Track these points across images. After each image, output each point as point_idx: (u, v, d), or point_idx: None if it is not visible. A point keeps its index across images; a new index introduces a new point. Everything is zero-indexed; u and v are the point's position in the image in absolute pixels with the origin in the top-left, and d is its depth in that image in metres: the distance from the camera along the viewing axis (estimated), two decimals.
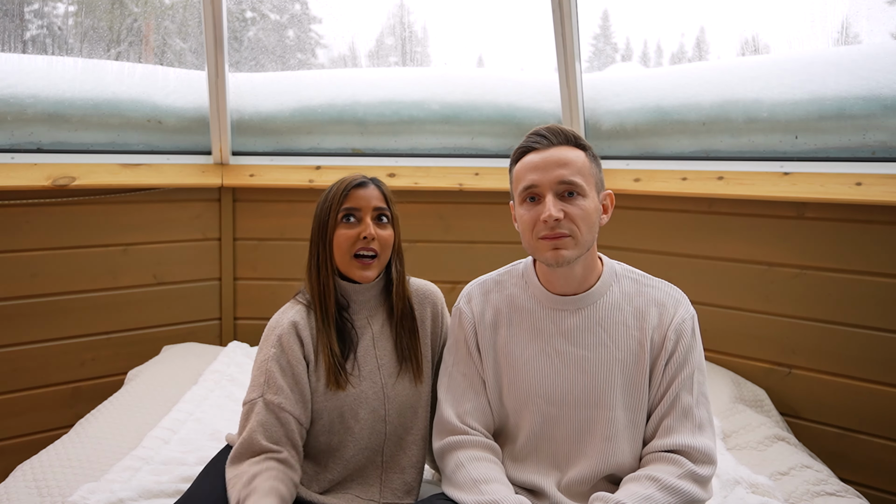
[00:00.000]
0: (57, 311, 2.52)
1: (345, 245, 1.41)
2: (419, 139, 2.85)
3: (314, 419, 1.42)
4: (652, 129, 2.57)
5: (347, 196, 1.43)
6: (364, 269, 1.42)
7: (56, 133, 2.55)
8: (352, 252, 1.41)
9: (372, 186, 1.46)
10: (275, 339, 1.39)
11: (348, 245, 1.41)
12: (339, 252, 1.42)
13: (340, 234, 1.42)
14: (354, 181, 1.45)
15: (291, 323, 1.41)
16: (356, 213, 1.43)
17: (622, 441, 1.32)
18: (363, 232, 1.41)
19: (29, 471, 1.73)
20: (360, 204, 1.43)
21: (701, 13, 2.82)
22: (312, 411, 1.42)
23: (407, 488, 1.47)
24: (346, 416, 1.42)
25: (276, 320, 1.44)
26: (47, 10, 2.82)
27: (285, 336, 1.40)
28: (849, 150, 2.21)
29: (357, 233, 1.41)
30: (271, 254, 2.86)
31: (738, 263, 2.37)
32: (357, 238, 1.41)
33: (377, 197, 1.45)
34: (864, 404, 2.15)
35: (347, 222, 1.42)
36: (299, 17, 3.15)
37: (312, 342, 1.42)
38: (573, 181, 1.27)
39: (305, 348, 1.41)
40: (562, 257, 1.28)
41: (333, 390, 1.40)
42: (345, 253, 1.41)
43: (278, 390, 1.35)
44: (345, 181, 1.46)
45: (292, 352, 1.39)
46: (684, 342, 1.32)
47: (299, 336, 1.41)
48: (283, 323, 1.41)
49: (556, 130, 1.32)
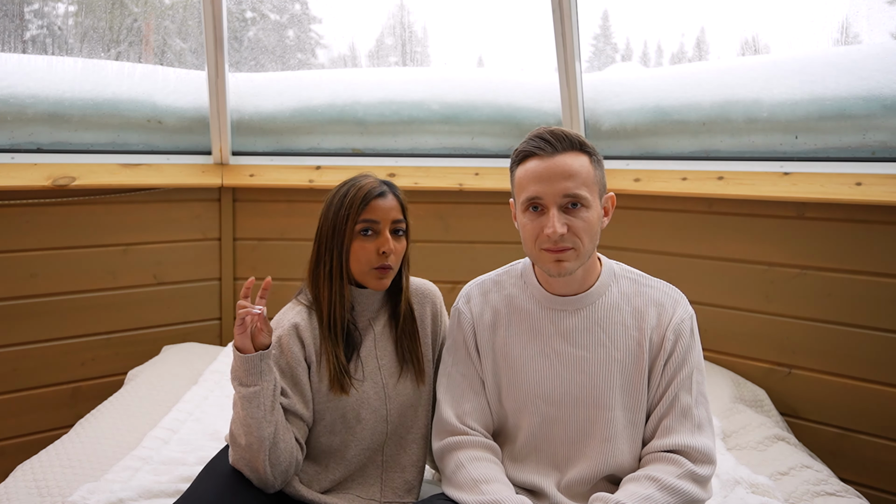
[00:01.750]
0: (57, 311, 2.52)
1: (364, 258, 1.39)
2: (419, 139, 2.85)
3: (316, 419, 1.42)
4: (652, 129, 2.57)
5: (366, 207, 1.39)
6: (382, 278, 1.41)
7: (56, 133, 2.55)
8: (372, 265, 1.39)
9: (391, 196, 1.43)
10: (274, 341, 1.38)
11: (367, 258, 1.39)
12: (358, 265, 1.40)
13: (358, 247, 1.39)
14: (374, 191, 1.40)
15: (293, 325, 1.40)
16: (375, 226, 1.39)
17: (621, 441, 1.32)
18: (382, 247, 1.38)
19: (29, 471, 1.73)
20: (379, 216, 1.39)
21: (701, 13, 2.82)
22: (314, 412, 1.42)
23: (408, 487, 1.47)
24: (349, 417, 1.42)
25: (277, 321, 1.43)
26: (47, 10, 2.82)
27: (285, 337, 1.39)
28: (849, 150, 2.21)
29: (375, 247, 1.38)
30: (271, 254, 2.86)
31: (738, 263, 2.37)
32: (376, 252, 1.38)
33: (395, 208, 1.42)
34: (864, 404, 2.15)
35: (365, 235, 1.39)
36: (299, 17, 3.15)
37: (315, 344, 1.41)
38: (578, 194, 1.26)
39: (307, 350, 1.40)
40: (564, 269, 1.28)
41: (337, 395, 1.40)
42: (363, 265, 1.39)
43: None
44: (363, 188, 1.40)
45: (292, 353, 1.39)
46: (683, 342, 1.32)
47: (300, 338, 1.40)
48: (283, 324, 1.41)
49: (561, 135, 1.29)
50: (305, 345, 1.40)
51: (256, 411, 1.27)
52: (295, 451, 1.35)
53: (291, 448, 1.34)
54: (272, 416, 1.29)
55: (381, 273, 1.40)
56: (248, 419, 1.27)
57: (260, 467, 1.29)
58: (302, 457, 1.39)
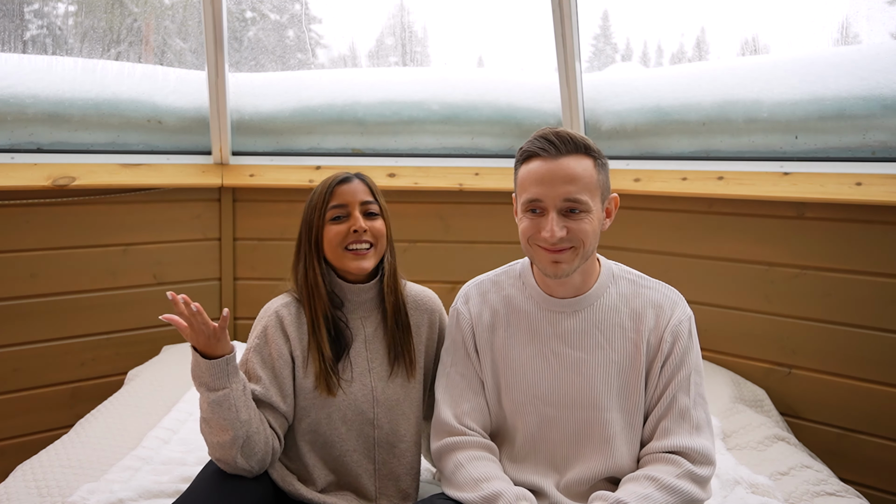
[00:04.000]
0: (57, 311, 2.52)
1: (335, 240, 1.40)
2: (419, 139, 2.85)
3: (300, 416, 1.42)
4: (652, 129, 2.57)
5: (332, 194, 1.42)
6: (359, 259, 1.40)
7: (56, 133, 2.55)
8: (343, 245, 1.40)
9: (356, 181, 1.45)
10: (260, 330, 1.41)
11: (339, 239, 1.40)
12: (331, 248, 1.41)
13: (330, 230, 1.41)
14: (337, 178, 1.43)
15: (278, 318, 1.42)
16: (343, 209, 1.41)
17: (619, 443, 1.32)
18: (353, 226, 1.40)
19: (29, 471, 1.73)
20: (346, 199, 1.42)
21: (701, 13, 2.82)
22: (298, 408, 1.41)
23: (403, 495, 1.47)
24: (333, 417, 1.42)
25: (265, 309, 1.45)
26: (47, 10, 2.82)
27: (271, 329, 1.41)
28: (849, 150, 2.21)
29: (347, 227, 1.40)
30: (271, 254, 2.86)
31: (738, 263, 2.37)
32: (347, 232, 1.40)
33: (363, 191, 1.44)
34: (864, 404, 2.15)
35: (336, 221, 1.41)
36: (299, 17, 3.15)
37: (300, 339, 1.41)
38: (578, 199, 1.25)
39: (291, 344, 1.41)
40: (561, 270, 1.28)
41: (324, 395, 1.40)
42: (336, 247, 1.40)
43: (257, 380, 1.37)
44: (327, 180, 1.44)
45: (275, 345, 1.39)
46: (681, 344, 1.32)
47: (285, 331, 1.41)
48: (269, 312, 1.43)
49: (566, 137, 1.28)
50: (290, 338, 1.41)
51: (227, 413, 1.27)
52: (271, 440, 1.36)
53: (266, 439, 1.34)
54: (245, 415, 1.29)
55: (355, 255, 1.40)
56: (221, 421, 1.27)
57: (231, 461, 1.30)
58: (280, 447, 1.39)
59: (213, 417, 1.27)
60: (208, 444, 1.32)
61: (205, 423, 1.30)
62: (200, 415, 1.31)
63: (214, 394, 1.27)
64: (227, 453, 1.29)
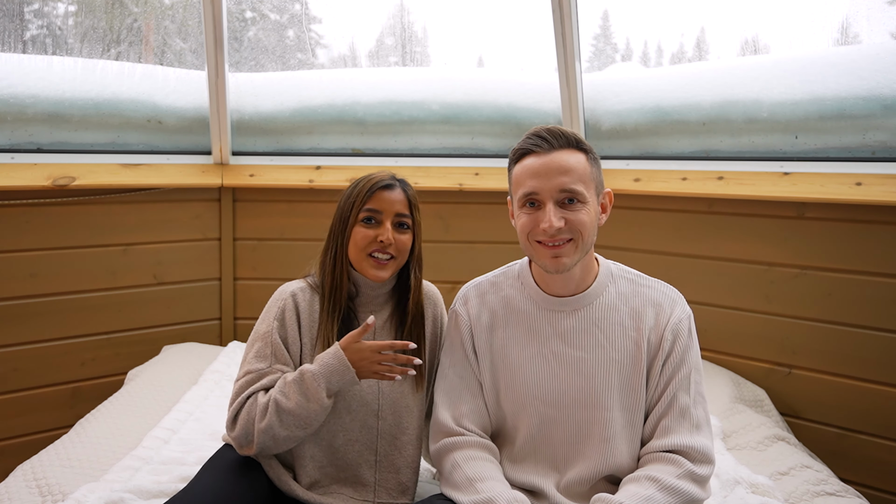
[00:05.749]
0: (57, 311, 2.52)
1: (361, 243, 1.42)
2: (419, 139, 2.85)
3: None
4: (652, 129, 2.57)
5: (371, 196, 1.43)
6: (378, 268, 1.42)
7: (56, 133, 2.55)
8: (366, 251, 1.42)
9: (398, 190, 1.45)
10: (278, 311, 1.43)
11: (364, 244, 1.42)
12: (355, 249, 1.43)
13: (358, 232, 1.43)
14: (381, 182, 1.44)
15: (294, 301, 1.44)
16: (377, 215, 1.43)
17: (620, 442, 1.32)
18: (380, 235, 1.41)
19: (29, 471, 1.74)
20: (382, 207, 1.43)
21: (701, 13, 2.82)
22: None
23: (402, 489, 1.47)
24: (338, 406, 1.42)
25: (281, 291, 1.47)
26: (47, 10, 2.82)
27: (288, 311, 1.43)
28: (849, 150, 2.21)
29: (374, 234, 1.42)
30: (271, 254, 2.86)
31: (738, 263, 2.37)
32: (373, 239, 1.41)
33: (401, 202, 1.45)
34: (864, 404, 2.15)
35: (367, 223, 1.43)
36: (299, 17, 3.15)
37: (311, 326, 1.44)
38: (574, 189, 1.27)
39: (302, 328, 1.43)
40: (562, 265, 1.28)
41: None
42: (360, 250, 1.42)
43: (286, 362, 1.41)
44: (372, 179, 1.45)
45: (290, 327, 1.42)
46: (681, 342, 1.32)
47: (298, 315, 1.44)
48: (285, 294, 1.45)
49: (557, 133, 1.30)
50: (301, 324, 1.43)
51: (323, 415, 1.35)
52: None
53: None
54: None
55: (376, 262, 1.42)
56: (314, 422, 1.35)
57: (281, 449, 1.39)
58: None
59: (310, 417, 1.33)
60: (273, 436, 1.34)
61: (293, 417, 1.33)
62: (292, 409, 1.32)
63: (330, 400, 1.35)
64: (288, 444, 1.37)
